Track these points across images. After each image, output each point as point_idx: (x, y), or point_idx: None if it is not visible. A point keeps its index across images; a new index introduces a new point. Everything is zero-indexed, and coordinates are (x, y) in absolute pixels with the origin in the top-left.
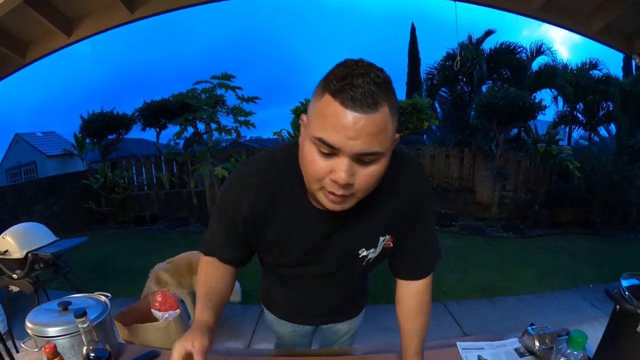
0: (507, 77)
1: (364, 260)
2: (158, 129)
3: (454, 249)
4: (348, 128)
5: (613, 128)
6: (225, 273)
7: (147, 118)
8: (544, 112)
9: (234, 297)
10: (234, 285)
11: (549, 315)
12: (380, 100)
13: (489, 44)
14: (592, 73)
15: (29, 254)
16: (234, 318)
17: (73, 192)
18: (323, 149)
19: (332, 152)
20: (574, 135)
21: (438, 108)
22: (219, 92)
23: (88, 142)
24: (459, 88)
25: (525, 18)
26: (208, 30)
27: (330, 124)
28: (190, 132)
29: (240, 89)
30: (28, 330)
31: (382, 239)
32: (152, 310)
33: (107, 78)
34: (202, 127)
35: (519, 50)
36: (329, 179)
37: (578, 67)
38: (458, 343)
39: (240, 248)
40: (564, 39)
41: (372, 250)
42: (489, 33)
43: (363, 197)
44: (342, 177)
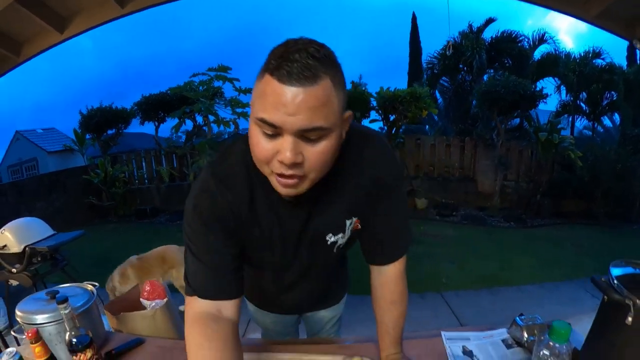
0: (508, 65)
1: (334, 247)
2: (157, 123)
3: (455, 239)
4: (287, 104)
5: (617, 117)
6: (228, 335)
7: (145, 112)
8: (546, 100)
9: None
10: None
11: (549, 306)
12: (320, 73)
13: (491, 33)
14: (595, 62)
15: (27, 248)
16: None
17: (74, 187)
18: (266, 130)
19: (275, 132)
20: (578, 125)
21: (439, 97)
22: (217, 84)
23: (88, 137)
24: (460, 77)
25: (530, 6)
26: (210, 22)
27: (270, 103)
28: (190, 125)
29: (238, 81)
30: (18, 319)
31: (349, 222)
32: (140, 300)
33: (108, 73)
34: (200, 119)
35: (521, 39)
36: (277, 161)
37: (581, 55)
38: (443, 333)
39: (227, 269)
40: (569, 28)
41: (340, 235)
42: (490, 21)
43: (317, 178)
44: (287, 156)
